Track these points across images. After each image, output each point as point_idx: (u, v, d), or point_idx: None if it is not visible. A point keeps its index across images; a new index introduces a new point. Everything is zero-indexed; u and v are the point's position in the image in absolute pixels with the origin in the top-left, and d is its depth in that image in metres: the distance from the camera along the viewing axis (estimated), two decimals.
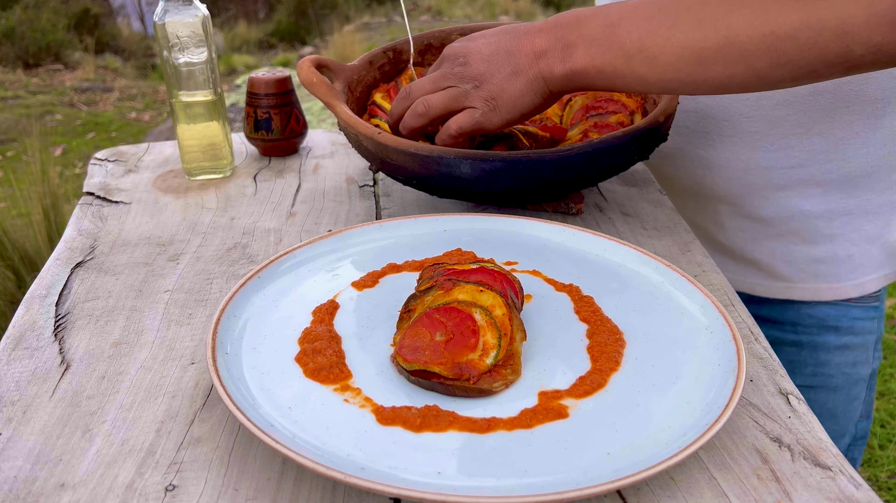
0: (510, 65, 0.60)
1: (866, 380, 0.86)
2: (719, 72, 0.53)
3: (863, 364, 0.85)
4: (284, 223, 0.75)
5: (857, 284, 0.82)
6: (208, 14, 0.80)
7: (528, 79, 0.60)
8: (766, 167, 0.78)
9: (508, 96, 0.60)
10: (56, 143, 4.40)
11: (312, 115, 3.66)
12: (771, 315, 0.85)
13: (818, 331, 0.83)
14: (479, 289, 0.51)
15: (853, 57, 0.49)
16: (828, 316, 0.83)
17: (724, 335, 0.51)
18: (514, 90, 0.60)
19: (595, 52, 0.57)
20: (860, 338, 0.84)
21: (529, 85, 0.60)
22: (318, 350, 0.51)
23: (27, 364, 0.53)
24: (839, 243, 0.80)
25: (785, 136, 0.75)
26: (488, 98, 0.61)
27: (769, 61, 0.51)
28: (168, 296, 0.62)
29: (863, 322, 0.83)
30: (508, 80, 0.60)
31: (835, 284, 0.82)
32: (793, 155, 0.76)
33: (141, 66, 6.78)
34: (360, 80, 0.83)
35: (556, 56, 0.59)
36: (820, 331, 0.83)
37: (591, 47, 0.57)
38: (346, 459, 0.42)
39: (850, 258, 0.80)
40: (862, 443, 0.90)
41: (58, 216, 2.20)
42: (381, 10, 8.44)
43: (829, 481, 0.42)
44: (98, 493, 0.42)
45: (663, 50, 0.54)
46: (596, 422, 0.45)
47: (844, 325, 0.83)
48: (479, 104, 0.61)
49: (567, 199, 0.76)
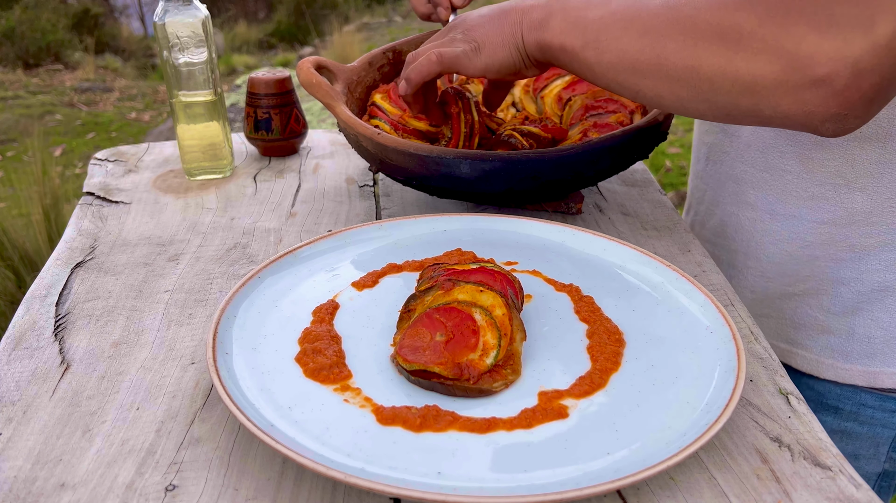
0: (499, 19, 0.62)
1: (874, 481, 0.75)
2: (648, 86, 0.54)
3: (867, 459, 0.74)
4: (284, 223, 0.75)
5: (869, 373, 0.71)
6: (208, 14, 0.80)
7: (510, 33, 0.61)
8: (794, 216, 0.70)
9: (490, 43, 0.61)
10: (56, 143, 4.40)
11: (312, 115, 3.66)
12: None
13: (815, 408, 0.73)
14: (479, 289, 0.51)
15: (763, 116, 0.49)
16: (829, 393, 0.73)
17: (724, 335, 0.51)
18: (496, 38, 0.61)
19: (565, 28, 0.58)
20: (867, 428, 0.72)
21: (511, 38, 0.61)
22: (318, 350, 0.51)
23: (27, 364, 0.53)
24: (861, 319, 0.69)
25: (820, 185, 0.67)
26: (471, 41, 0.63)
27: (689, 93, 0.52)
28: (168, 296, 0.62)
29: (873, 411, 0.72)
30: (494, 30, 0.62)
31: (843, 364, 0.71)
32: (827, 209, 0.67)
33: (141, 66, 6.78)
34: (360, 81, 0.83)
35: (537, 22, 0.59)
36: (817, 408, 0.73)
37: (564, 22, 0.58)
38: (346, 459, 0.42)
39: (870, 340, 0.70)
40: None
41: (58, 216, 2.20)
42: (381, 11, 8.44)
43: (829, 481, 0.42)
44: (98, 493, 0.42)
45: (609, 48, 0.55)
46: (596, 422, 0.45)
47: (847, 409, 0.72)
48: (463, 45, 0.63)
49: (567, 199, 0.76)
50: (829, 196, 0.67)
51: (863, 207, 0.66)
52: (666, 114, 0.69)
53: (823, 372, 0.73)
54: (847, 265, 0.68)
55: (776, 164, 0.69)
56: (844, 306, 0.70)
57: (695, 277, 0.64)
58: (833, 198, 0.67)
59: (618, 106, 0.78)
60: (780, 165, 0.69)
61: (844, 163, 0.65)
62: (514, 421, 0.45)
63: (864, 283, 0.68)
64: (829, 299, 0.71)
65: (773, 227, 0.72)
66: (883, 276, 0.67)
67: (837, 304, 0.70)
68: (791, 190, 0.69)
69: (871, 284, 0.68)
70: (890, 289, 0.68)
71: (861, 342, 0.70)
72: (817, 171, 0.67)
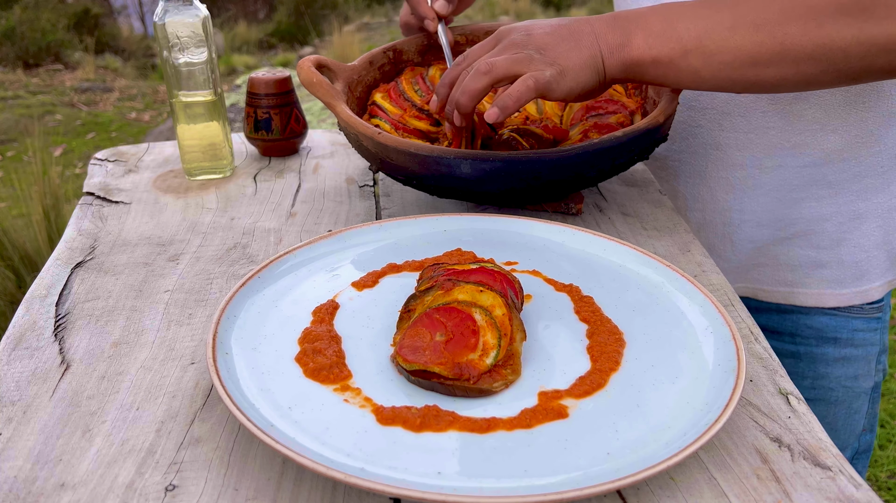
0: (573, 39, 0.62)
1: (868, 394, 0.84)
2: (771, 74, 0.59)
3: (864, 377, 0.83)
4: (284, 223, 0.75)
5: (861, 291, 0.80)
6: (208, 14, 0.80)
7: (589, 54, 0.62)
8: (780, 166, 0.77)
9: (573, 65, 0.61)
10: (56, 143, 4.40)
11: (312, 115, 3.66)
12: (769, 324, 0.83)
13: (817, 343, 0.82)
14: (479, 290, 0.51)
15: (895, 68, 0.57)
16: (826, 327, 0.81)
17: (724, 335, 0.51)
18: (578, 61, 0.62)
19: (653, 43, 0.61)
20: (861, 350, 0.81)
21: (591, 61, 0.62)
22: (318, 350, 0.51)
23: (27, 364, 0.53)
24: (846, 248, 0.78)
25: (800, 133, 0.75)
26: (554, 63, 0.61)
27: (819, 68, 0.58)
28: (168, 296, 0.62)
29: (864, 334, 0.81)
30: (572, 51, 0.62)
31: (838, 291, 0.80)
32: (807, 153, 0.75)
33: (141, 66, 6.78)
34: (361, 80, 0.83)
35: (616, 41, 0.62)
36: (819, 343, 0.82)
37: (649, 38, 0.61)
38: (346, 459, 0.41)
39: (857, 264, 0.79)
40: (865, 456, 0.88)
41: (58, 216, 2.20)
42: (381, 10, 8.44)
43: (829, 481, 0.42)
44: (98, 493, 0.42)
45: (720, 48, 0.59)
46: (596, 422, 0.45)
47: (844, 337, 0.81)
48: (546, 68, 0.61)
49: (567, 199, 0.76)
50: (808, 142, 0.75)
51: (836, 146, 0.75)
52: (666, 115, 0.69)
53: (826, 301, 0.81)
54: (827, 201, 0.77)
55: (760, 124, 0.76)
56: (830, 239, 0.79)
57: (695, 277, 0.64)
58: (812, 142, 0.75)
59: (618, 107, 0.78)
60: (763, 124, 0.76)
61: (819, 109, 0.73)
62: (514, 421, 0.45)
63: (843, 215, 0.78)
64: (816, 237, 0.79)
65: (763, 179, 0.79)
66: (856, 206, 0.77)
67: (825, 239, 0.79)
68: (776, 143, 0.76)
69: (849, 214, 0.77)
70: (863, 216, 0.78)
71: (850, 268, 0.79)
72: (797, 122, 0.75)
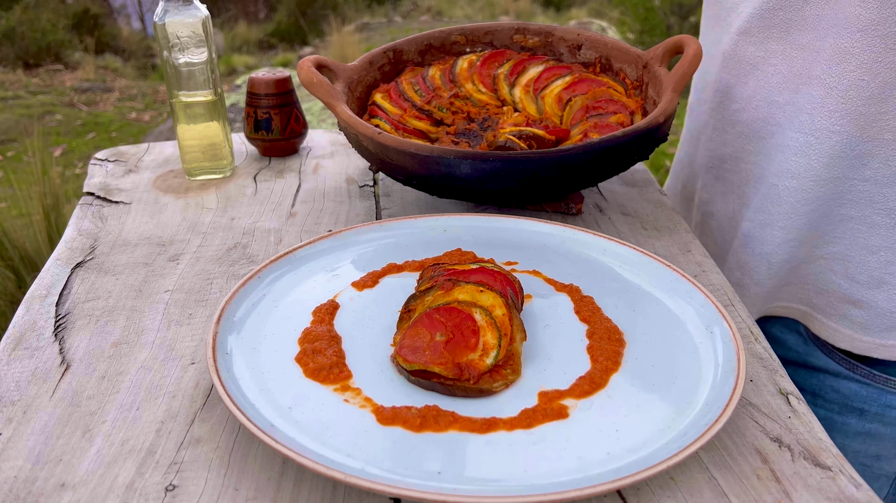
0: None
1: (891, 480, 0.74)
2: None
3: (888, 459, 0.73)
4: (284, 223, 0.75)
5: (885, 345, 0.69)
6: (208, 14, 0.80)
7: None
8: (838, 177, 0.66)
9: None
10: (56, 144, 4.40)
11: (312, 115, 3.66)
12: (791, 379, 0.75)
13: (839, 410, 0.73)
14: (479, 290, 0.51)
15: None
16: (855, 395, 0.71)
17: (724, 335, 0.51)
18: None
19: None
20: (890, 429, 0.71)
21: None
22: (318, 350, 0.51)
23: (27, 364, 0.53)
24: (885, 292, 0.67)
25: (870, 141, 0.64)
26: None
27: None
28: (168, 297, 0.62)
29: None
30: None
31: (861, 335, 0.69)
32: (860, 163, 0.64)
33: (141, 66, 6.78)
34: (361, 81, 0.83)
35: None
36: (841, 410, 0.72)
37: None
38: (346, 459, 0.41)
39: (891, 314, 0.68)
40: None
41: (58, 216, 2.20)
42: (380, 11, 8.44)
43: (829, 481, 0.42)
44: (98, 493, 0.42)
45: None
46: (596, 423, 0.45)
47: (873, 411, 0.71)
48: None
49: (567, 199, 0.76)
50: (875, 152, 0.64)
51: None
52: (666, 115, 0.69)
53: (839, 341, 0.72)
54: (880, 232, 0.66)
55: (802, 100, 0.67)
56: (870, 276, 0.67)
57: (695, 277, 0.64)
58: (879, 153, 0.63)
59: (618, 107, 0.78)
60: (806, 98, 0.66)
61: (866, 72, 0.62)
62: (514, 421, 0.45)
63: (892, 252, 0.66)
64: (854, 266, 0.68)
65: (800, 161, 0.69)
66: None
67: (863, 274, 0.68)
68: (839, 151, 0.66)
69: None
70: None
71: (883, 316, 0.68)
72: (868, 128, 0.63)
